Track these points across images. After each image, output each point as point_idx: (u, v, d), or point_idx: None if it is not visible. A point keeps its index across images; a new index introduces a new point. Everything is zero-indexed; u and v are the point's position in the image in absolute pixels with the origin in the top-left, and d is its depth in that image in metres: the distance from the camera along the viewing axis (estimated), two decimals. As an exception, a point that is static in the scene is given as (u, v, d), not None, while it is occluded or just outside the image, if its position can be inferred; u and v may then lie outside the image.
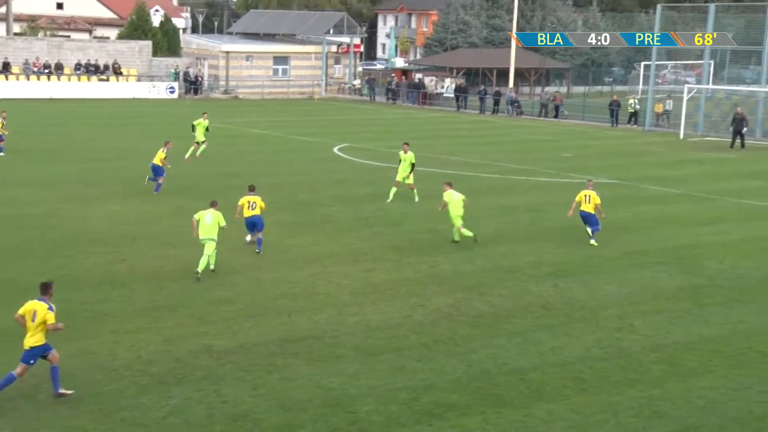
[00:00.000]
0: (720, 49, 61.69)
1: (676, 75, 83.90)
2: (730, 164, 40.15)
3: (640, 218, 27.64)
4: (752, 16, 67.00)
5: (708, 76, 55.69)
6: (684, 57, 78.81)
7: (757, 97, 52.43)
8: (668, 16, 63.08)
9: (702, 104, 52.63)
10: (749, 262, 22.58)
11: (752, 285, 20.55)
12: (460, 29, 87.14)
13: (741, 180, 35.59)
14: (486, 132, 52.38)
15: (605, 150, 44.52)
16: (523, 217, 27.41)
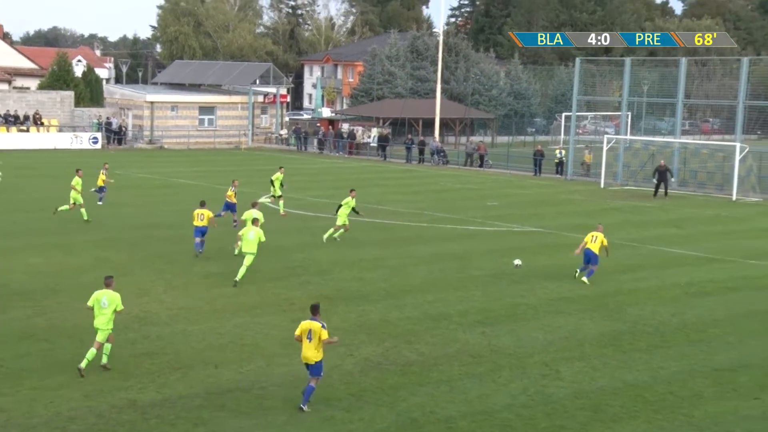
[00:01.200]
0: (636, 101, 63.72)
1: (595, 126, 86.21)
2: (648, 212, 41.21)
3: (563, 266, 28.07)
4: (665, 70, 69.45)
5: (626, 127, 57.31)
6: (603, 108, 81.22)
7: (672, 147, 54.11)
8: (587, 68, 64.80)
9: (621, 154, 54.04)
10: (668, 308, 23.12)
11: (671, 330, 21.02)
12: (385, 80, 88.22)
13: (659, 228, 36.53)
14: (413, 181, 52.83)
15: (529, 199, 45.30)
16: (450, 265, 27.64)
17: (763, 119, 74.40)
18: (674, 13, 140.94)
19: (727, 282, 26.38)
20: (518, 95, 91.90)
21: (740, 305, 23.60)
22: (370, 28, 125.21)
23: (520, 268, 26.12)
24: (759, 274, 27.73)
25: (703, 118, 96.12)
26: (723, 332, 20.94)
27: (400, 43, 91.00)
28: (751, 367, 18.30)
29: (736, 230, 36.66)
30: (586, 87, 62.59)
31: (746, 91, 50.29)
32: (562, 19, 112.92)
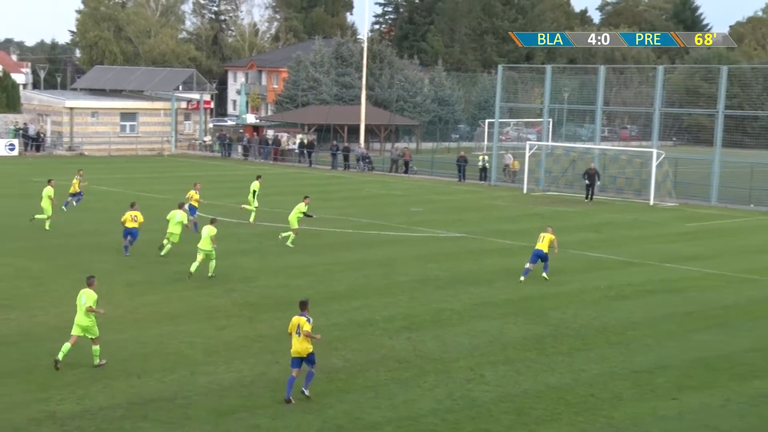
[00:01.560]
0: (557, 108, 64.89)
1: (518, 132, 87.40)
2: (570, 217, 41.93)
3: (487, 270, 28.40)
4: (585, 78, 70.92)
5: (547, 133, 58.26)
6: (525, 115, 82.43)
7: (592, 153, 55.19)
8: (509, 75, 65.81)
9: (543, 160, 54.91)
10: (589, 311, 23.54)
11: (592, 333, 21.41)
12: (310, 86, 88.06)
13: (580, 232, 37.20)
14: (338, 187, 52.81)
15: (454, 204, 45.68)
16: (376, 272, 27.69)
17: (678, 126, 76.59)
18: (593, 22, 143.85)
19: (645, 285, 27.00)
20: (442, 102, 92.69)
21: (658, 308, 24.17)
22: (295, 35, 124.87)
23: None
24: (675, 277, 28.45)
25: (621, 125, 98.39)
26: (641, 334, 21.41)
27: (324, 49, 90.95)
28: (669, 368, 18.74)
29: (654, 234, 37.55)
30: (508, 94, 63.52)
31: (662, 98, 51.63)
32: (485, 27, 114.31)
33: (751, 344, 20.79)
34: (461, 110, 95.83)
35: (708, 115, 64.10)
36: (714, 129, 49.60)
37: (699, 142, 75.54)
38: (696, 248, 34.10)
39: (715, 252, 33.32)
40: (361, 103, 72.31)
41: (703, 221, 41.96)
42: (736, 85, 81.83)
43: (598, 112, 54.14)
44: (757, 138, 61.36)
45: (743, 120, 61.13)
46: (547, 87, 55.45)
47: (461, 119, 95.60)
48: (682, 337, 21.31)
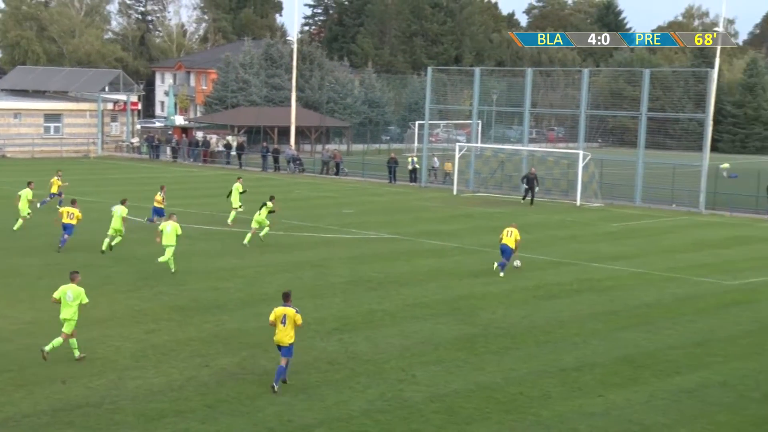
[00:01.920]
0: (486, 110, 65.52)
1: (448, 134, 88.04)
2: (499, 218, 42.32)
3: (418, 271, 28.56)
4: (513, 80, 71.81)
5: (477, 135, 58.82)
6: (455, 117, 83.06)
7: (521, 155, 55.90)
8: (438, 78, 66.32)
9: (472, 162, 55.41)
10: (518, 310, 23.85)
11: (521, 333, 21.70)
12: (240, 88, 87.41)
13: (509, 233, 37.51)
14: (269, 189, 52.44)
15: (385, 206, 45.81)
16: (307, 273, 27.62)
17: (603, 128, 78.05)
18: (520, 25, 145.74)
19: (573, 284, 27.47)
20: (372, 104, 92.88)
21: (584, 307, 24.60)
22: (223, 36, 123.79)
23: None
24: (601, 276, 29.00)
25: (548, 127, 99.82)
26: (569, 333, 21.77)
27: (253, 50, 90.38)
28: (595, 366, 19.10)
29: (581, 234, 38.21)
30: (438, 96, 63.96)
31: (587, 101, 52.53)
32: (414, 29, 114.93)
33: (673, 341, 21.31)
34: (391, 112, 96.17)
35: (632, 117, 65.36)
36: (637, 131, 50.66)
37: (623, 143, 77.08)
38: (621, 248, 34.80)
39: (639, 251, 34.05)
40: (292, 104, 72.03)
41: (627, 221, 42.84)
42: (658, 88, 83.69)
43: (526, 114, 54.87)
44: (678, 140, 62.94)
45: (665, 122, 62.52)
46: (476, 89, 55.99)
47: (392, 121, 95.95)
48: (608, 335, 21.73)
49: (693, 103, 70.90)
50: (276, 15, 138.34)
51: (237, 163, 67.53)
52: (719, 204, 48.13)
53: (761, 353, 20.44)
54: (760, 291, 27.35)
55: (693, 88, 75.24)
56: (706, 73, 50.95)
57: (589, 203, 48.58)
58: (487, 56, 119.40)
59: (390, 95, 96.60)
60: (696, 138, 55.85)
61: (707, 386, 17.90)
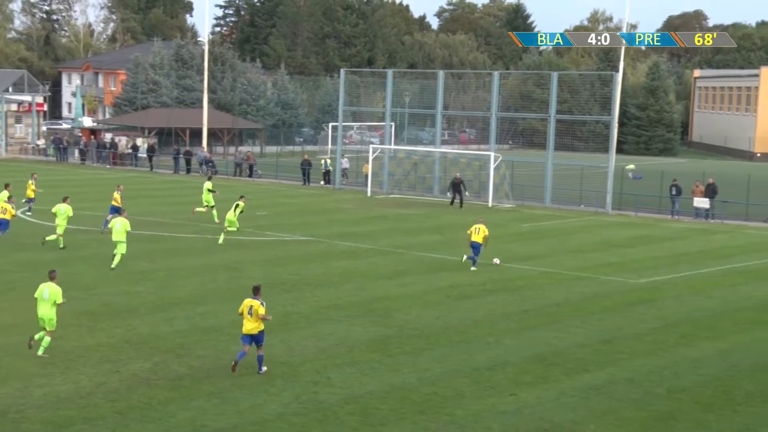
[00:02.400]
0: (399, 112, 65.87)
1: (361, 136, 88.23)
2: (413, 220, 42.66)
3: (333, 273, 28.53)
4: (425, 83, 72.47)
5: (390, 137, 59.11)
6: (368, 119, 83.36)
7: (434, 156, 56.38)
8: (352, 80, 66.51)
9: (386, 163, 55.61)
10: (432, 311, 24.05)
11: (436, 333, 21.88)
12: (150, 89, 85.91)
13: (423, 234, 37.91)
14: (181, 191, 51.77)
15: (299, 208, 45.64)
16: (221, 276, 27.34)
17: (513, 130, 79.32)
18: (431, 28, 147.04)
19: (486, 285, 27.83)
20: (286, 105, 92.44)
21: (497, 306, 24.95)
22: (132, 36, 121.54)
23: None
24: (513, 276, 29.45)
25: (460, 129, 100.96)
26: (482, 333, 22.05)
27: (164, 51, 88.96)
28: (507, 365, 19.39)
29: (493, 235, 38.61)
30: (351, 98, 64.15)
31: (498, 103, 53.28)
32: (326, 31, 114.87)
33: (582, 339, 21.78)
34: (305, 114, 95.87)
35: (541, 120, 66.53)
36: (547, 133, 51.62)
37: (533, 145, 78.47)
38: (532, 248, 35.41)
39: (549, 251, 34.70)
40: (204, 106, 71.10)
41: (538, 222, 43.62)
42: (566, 91, 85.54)
43: (438, 116, 55.37)
44: (586, 141, 64.35)
45: (573, 124, 63.81)
46: (388, 91, 56.23)
47: (305, 123, 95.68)
48: (520, 334, 22.08)
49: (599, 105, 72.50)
50: (186, 15, 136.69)
51: (147, 165, 66.37)
52: (625, 204, 49.40)
53: (665, 350, 21.05)
54: (664, 289, 28.16)
55: (599, 91, 77.06)
56: (611, 77, 52.20)
57: (500, 204, 49.27)
58: (399, 58, 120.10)
59: (303, 97, 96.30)
60: (602, 140, 57.16)
61: (614, 383, 18.35)
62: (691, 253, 35.29)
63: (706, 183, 47.03)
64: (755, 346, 21.56)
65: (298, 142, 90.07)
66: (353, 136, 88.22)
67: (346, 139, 72.93)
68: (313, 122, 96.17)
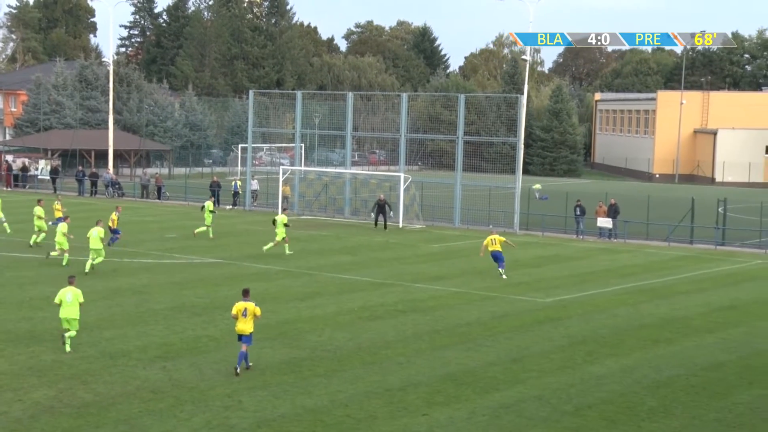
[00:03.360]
0: (309, 133, 65.90)
1: (271, 157, 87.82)
2: (324, 241, 42.57)
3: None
4: (334, 104, 72.72)
5: (300, 158, 58.97)
6: (278, 140, 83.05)
7: (344, 177, 56.43)
8: (261, 101, 66.28)
9: (297, 185, 55.45)
10: (344, 332, 24.00)
11: (348, 355, 21.83)
12: (53, 110, 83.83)
13: (334, 255, 37.88)
14: (86, 214, 50.53)
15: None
16: (129, 300, 26.79)
17: (422, 151, 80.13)
18: (340, 50, 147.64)
19: (397, 305, 27.93)
20: (194, 126, 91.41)
21: (408, 327, 25.05)
22: (34, 56, 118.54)
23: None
24: (424, 296, 29.64)
25: (370, 150, 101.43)
26: (394, 353, 22.10)
27: (66, 72, 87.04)
28: (419, 385, 19.47)
29: (404, 256, 38.94)
30: (260, 119, 63.88)
31: (407, 125, 53.74)
32: (234, 52, 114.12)
33: (492, 358, 22.03)
34: (214, 135, 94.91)
35: (449, 141, 67.52)
36: (455, 154, 52.26)
37: (442, 166, 79.46)
38: (442, 268, 35.70)
39: (459, 271, 35.04)
40: (109, 127, 69.76)
41: (447, 242, 44.04)
42: (473, 113, 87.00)
43: (348, 138, 55.51)
44: (493, 162, 65.29)
45: (480, 146, 64.85)
46: (298, 112, 56.19)
47: (214, 144, 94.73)
48: (431, 354, 22.21)
49: (506, 127, 73.98)
50: (90, 36, 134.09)
51: (49, 187, 64.67)
52: (532, 224, 50.31)
53: (572, 367, 21.45)
54: (571, 307, 28.73)
55: (505, 113, 78.68)
56: (517, 99, 53.24)
57: (411, 225, 49.60)
58: (308, 80, 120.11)
59: (212, 118, 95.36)
60: (509, 161, 58.22)
61: (524, 401, 18.60)
62: (595, 272, 36.10)
63: (609, 203, 48.26)
64: (657, 361, 22.17)
65: (207, 163, 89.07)
66: (263, 157, 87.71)
67: (255, 160, 72.46)
68: (222, 143, 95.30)
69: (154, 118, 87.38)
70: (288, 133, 73.76)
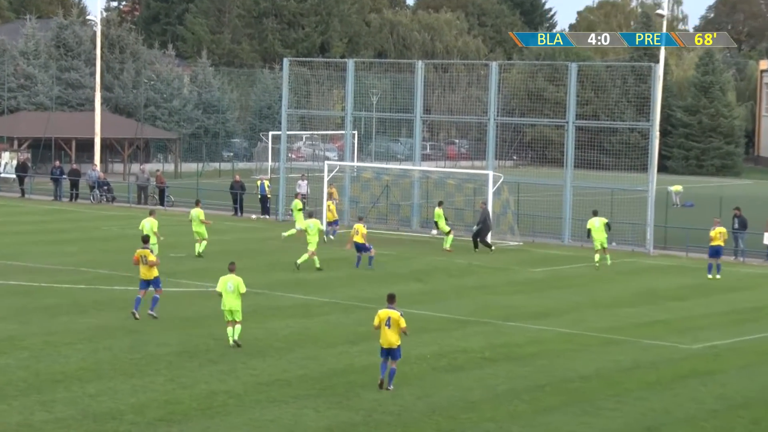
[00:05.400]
0: (364, 117, 65.95)
1: (314, 149, 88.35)
2: (383, 263, 42.34)
3: (276, 337, 28.31)
4: (399, 77, 72.73)
5: (352, 150, 59.07)
6: (321, 126, 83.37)
7: (411, 176, 56.20)
8: (299, 73, 66.57)
9: (347, 186, 55.42)
10: (413, 389, 23.85)
11: (417, 419, 21.70)
12: (21, 85, 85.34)
13: (399, 282, 37.50)
14: (64, 225, 51.40)
15: (229, 247, 45.21)
16: (121, 343, 27.06)
17: (519, 140, 79.73)
18: (406, 4, 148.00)
19: (484, 351, 27.73)
20: (209, 107, 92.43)
21: (500, 381, 24.86)
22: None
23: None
24: (521, 339, 29.37)
25: (447, 139, 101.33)
26: (480, 418, 21.93)
27: (39, 33, 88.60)
28: (518, 461, 19.27)
29: (493, 284, 38.70)
30: (298, 97, 64.05)
31: (497, 104, 53.40)
32: (263, 7, 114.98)
33: (618, 426, 21.73)
34: (235, 119, 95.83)
35: (556, 127, 67.10)
36: (564, 144, 51.81)
37: (546, 161, 79.08)
38: (546, 301, 35.39)
39: (570, 306, 34.70)
40: (96, 108, 70.82)
41: (553, 265, 43.66)
42: (590, 89, 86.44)
43: (417, 123, 55.41)
44: (617, 156, 64.57)
45: (599, 133, 64.30)
46: (349, 88, 56.24)
47: (236, 131, 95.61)
48: (532, 419, 22.00)
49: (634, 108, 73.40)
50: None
51: (16, 188, 65.88)
52: (672, 241, 49.65)
53: (731, 439, 21.08)
54: (726, 357, 28.23)
55: (633, 88, 78.11)
56: (650, 70, 52.69)
57: (503, 241, 49.27)
58: (363, 44, 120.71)
59: (233, 96, 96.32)
60: (639, 154, 57.68)
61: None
62: (761, 309, 35.48)
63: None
64: None
65: (226, 157, 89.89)
66: (302, 150, 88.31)
67: (292, 153, 72.84)
68: (247, 131, 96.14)
69: (155, 97, 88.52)
70: (335, 116, 74.02)
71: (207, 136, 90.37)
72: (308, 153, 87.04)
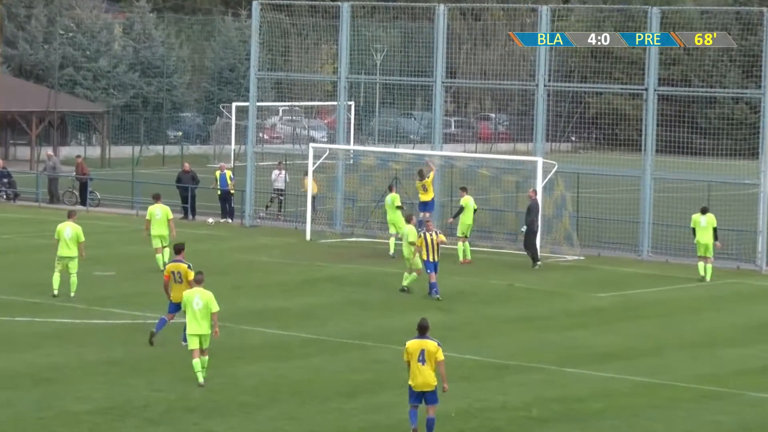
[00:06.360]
0: (364, 81, 65.68)
1: (294, 126, 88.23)
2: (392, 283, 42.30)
3: (241, 388, 28.37)
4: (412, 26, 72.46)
5: (346, 127, 58.86)
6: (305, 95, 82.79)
7: (432, 163, 56.01)
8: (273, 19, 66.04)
9: (340, 177, 55.28)
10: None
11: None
12: None
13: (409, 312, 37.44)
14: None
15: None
16: (27, 396, 27.25)
17: (578, 116, 79.49)
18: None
19: (532, 408, 27.63)
20: (150, 69, 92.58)
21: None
22: None
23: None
24: (583, 391, 29.31)
25: (479, 114, 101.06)
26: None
27: None
28: None
29: (542, 314, 38.64)
30: (273, 55, 63.79)
31: (548, 66, 53.15)
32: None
33: None
34: (186, 86, 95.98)
35: (630, 96, 66.93)
36: (642, 121, 51.61)
37: (617, 144, 78.69)
38: (617, 338, 35.41)
39: (650, 345, 34.69)
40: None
41: (626, 288, 43.64)
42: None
43: (438, 90, 55.29)
44: (715, 137, 64.20)
45: (691, 104, 64.18)
46: (343, 43, 56.13)
47: (186, 102, 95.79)
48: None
49: (739, 69, 73.00)
50: None
51: None
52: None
53: None
54: None
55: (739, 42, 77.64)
56: (760, 17, 52.45)
57: (556, 254, 49.22)
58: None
59: (183, 54, 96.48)
60: (747, 133, 57.50)
61: None
62: None
63: None
64: None
65: (173, 138, 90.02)
66: (278, 127, 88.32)
67: (264, 132, 72.87)
68: (202, 101, 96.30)
69: (75, 54, 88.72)
70: (324, 81, 73.88)
71: (146, 109, 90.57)
72: (287, 132, 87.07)
